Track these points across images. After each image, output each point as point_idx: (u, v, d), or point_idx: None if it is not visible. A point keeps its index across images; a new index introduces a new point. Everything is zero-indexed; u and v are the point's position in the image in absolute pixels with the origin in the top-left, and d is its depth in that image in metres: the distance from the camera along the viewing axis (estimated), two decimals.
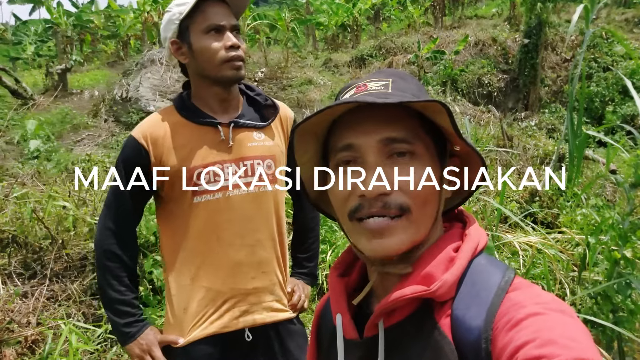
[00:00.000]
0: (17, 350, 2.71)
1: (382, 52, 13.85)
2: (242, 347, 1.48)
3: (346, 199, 0.69)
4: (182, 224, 1.46)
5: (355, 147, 0.69)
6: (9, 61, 18.78)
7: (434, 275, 0.66)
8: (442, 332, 0.63)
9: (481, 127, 8.11)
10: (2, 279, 3.28)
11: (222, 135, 1.45)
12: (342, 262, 0.82)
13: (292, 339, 1.57)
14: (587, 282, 3.15)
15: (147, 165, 1.42)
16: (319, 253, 1.80)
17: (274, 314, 1.53)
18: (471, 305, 0.63)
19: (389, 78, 0.72)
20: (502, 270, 0.66)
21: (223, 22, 1.42)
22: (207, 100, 1.49)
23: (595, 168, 6.23)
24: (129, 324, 1.43)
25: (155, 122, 1.46)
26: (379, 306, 0.68)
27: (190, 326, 1.44)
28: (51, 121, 8.75)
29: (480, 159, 0.73)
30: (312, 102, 9.76)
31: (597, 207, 4.27)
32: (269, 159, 1.52)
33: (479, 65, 11.96)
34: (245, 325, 1.47)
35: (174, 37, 1.46)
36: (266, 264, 1.52)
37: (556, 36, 12.48)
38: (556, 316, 0.56)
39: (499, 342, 0.57)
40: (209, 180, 1.43)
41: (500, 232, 3.91)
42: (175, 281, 1.48)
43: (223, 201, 1.45)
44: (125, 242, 1.45)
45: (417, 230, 0.68)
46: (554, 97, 11.58)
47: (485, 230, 3.58)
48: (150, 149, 1.42)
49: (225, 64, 1.41)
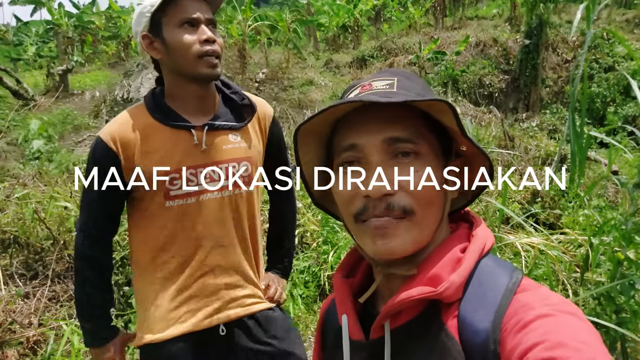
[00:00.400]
0: (19, 351, 2.71)
1: (383, 53, 13.85)
2: (216, 340, 1.48)
3: (350, 200, 0.69)
4: (154, 226, 1.43)
5: (359, 147, 0.68)
6: (10, 62, 18.79)
7: (441, 276, 0.65)
8: (449, 333, 0.63)
9: (482, 128, 8.10)
10: (4, 280, 3.27)
11: (195, 139, 1.40)
12: (347, 263, 0.81)
13: (276, 323, 1.56)
14: (589, 283, 3.14)
15: (117, 168, 1.38)
16: (294, 248, 1.80)
17: (248, 307, 1.52)
18: (479, 306, 0.62)
19: (394, 77, 0.71)
20: (510, 271, 0.65)
21: (197, 14, 1.35)
22: (182, 99, 1.43)
23: (597, 169, 6.23)
24: (98, 330, 1.45)
25: (125, 124, 1.39)
26: (385, 307, 0.67)
27: (163, 324, 1.42)
28: (52, 122, 8.76)
29: (487, 159, 0.72)
30: (313, 103, 9.76)
31: (599, 207, 4.27)
32: (245, 161, 1.49)
33: (480, 66, 11.96)
34: (219, 322, 1.47)
35: (145, 30, 1.38)
36: (238, 264, 1.51)
37: (557, 37, 12.47)
38: (566, 318, 0.55)
39: (508, 344, 0.56)
40: (181, 185, 1.40)
41: (502, 233, 3.90)
42: (145, 281, 1.47)
43: (195, 205, 1.42)
44: (99, 245, 1.43)
45: (422, 232, 0.67)
46: (555, 97, 11.57)
47: None
48: (120, 152, 1.36)
49: (200, 59, 1.35)
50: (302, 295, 3.71)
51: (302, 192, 5.01)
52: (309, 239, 4.25)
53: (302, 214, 4.50)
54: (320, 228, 4.26)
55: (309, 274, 3.87)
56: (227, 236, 1.48)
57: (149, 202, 1.42)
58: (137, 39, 1.42)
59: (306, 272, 3.87)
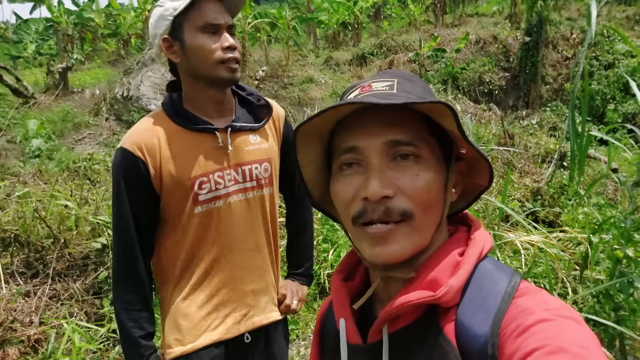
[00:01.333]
0: (20, 349, 2.71)
1: (383, 51, 13.83)
2: (241, 348, 1.48)
3: (349, 202, 0.68)
4: (181, 234, 1.41)
5: (359, 149, 0.67)
6: (10, 60, 18.77)
7: (440, 280, 0.65)
8: (447, 338, 0.62)
9: (482, 126, 8.10)
10: (5, 278, 3.28)
11: (220, 141, 1.39)
12: (346, 265, 0.81)
13: (278, 342, 1.58)
14: (589, 281, 3.15)
15: (148, 177, 1.34)
16: (313, 253, 1.77)
17: (269, 314, 1.53)
18: (477, 311, 0.62)
19: (394, 79, 0.71)
20: (509, 275, 0.65)
21: (220, 20, 1.34)
22: (200, 104, 1.41)
23: (597, 166, 6.23)
24: (146, 356, 1.38)
25: (148, 131, 1.36)
26: (383, 312, 0.67)
27: (193, 334, 1.41)
28: (52, 120, 8.75)
29: (487, 162, 0.72)
30: (313, 101, 9.75)
31: (598, 205, 4.27)
32: (265, 162, 1.48)
33: (480, 63, 11.94)
34: (246, 330, 1.47)
35: (165, 33, 1.36)
36: (264, 267, 1.51)
37: (557, 34, 12.46)
38: (565, 323, 0.55)
39: (507, 349, 0.56)
40: (210, 189, 1.38)
41: (502, 231, 3.91)
42: (172, 292, 1.44)
43: (224, 208, 1.41)
44: (141, 278, 1.37)
45: (420, 236, 0.67)
46: (555, 95, 11.56)
47: (487, 229, 3.58)
48: (148, 160, 1.33)
49: (221, 64, 1.34)
50: None
51: None
52: None
53: None
54: (320, 226, 4.26)
55: None
56: (254, 239, 1.47)
57: (176, 210, 1.39)
58: (156, 41, 1.40)
59: None
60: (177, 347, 1.40)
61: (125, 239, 1.35)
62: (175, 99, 1.43)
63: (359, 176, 0.68)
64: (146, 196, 1.35)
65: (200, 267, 1.42)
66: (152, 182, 1.35)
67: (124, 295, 1.36)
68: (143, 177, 1.33)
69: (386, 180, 0.65)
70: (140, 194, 1.34)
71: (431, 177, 0.67)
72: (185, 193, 1.37)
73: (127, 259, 1.36)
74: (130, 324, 1.34)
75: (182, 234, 1.41)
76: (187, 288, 1.43)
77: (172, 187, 1.36)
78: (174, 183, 1.36)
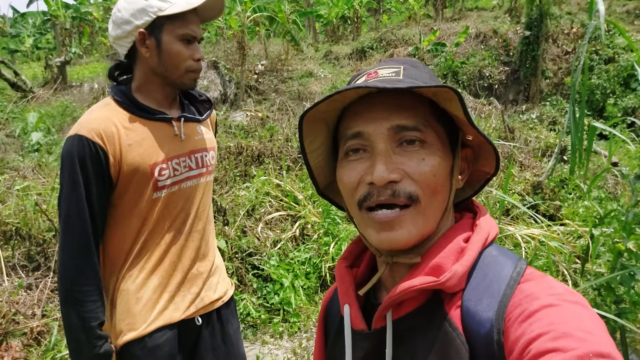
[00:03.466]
0: (23, 341, 2.72)
1: (383, 45, 13.79)
2: (193, 331, 1.55)
3: (355, 187, 0.68)
4: (137, 219, 1.43)
5: (364, 134, 0.67)
6: (8, 54, 18.68)
7: (444, 266, 0.65)
8: (453, 323, 0.62)
9: (482, 120, 8.10)
10: (6, 271, 3.28)
11: (175, 130, 1.47)
12: (351, 252, 0.81)
13: (230, 323, 1.66)
14: (590, 274, 3.16)
15: (107, 165, 1.35)
16: None
17: (221, 293, 1.62)
18: (483, 296, 0.62)
19: (400, 65, 0.70)
20: (514, 261, 0.65)
21: (197, 33, 1.46)
22: (153, 95, 1.48)
23: (597, 160, 6.24)
24: (99, 346, 1.37)
25: (106, 119, 1.38)
26: (387, 297, 0.66)
27: (146, 317, 1.43)
28: (51, 114, 8.73)
29: (494, 148, 0.71)
30: (313, 95, 9.73)
31: (599, 199, 4.28)
32: (212, 150, 1.61)
33: (479, 58, 11.91)
34: (196, 310, 1.53)
35: (143, 27, 1.40)
36: (210, 248, 1.62)
37: (557, 28, 12.42)
38: (571, 308, 0.54)
39: (512, 334, 0.56)
40: (169, 175, 1.45)
41: (503, 225, 3.91)
42: (123, 280, 1.44)
43: (178, 193, 1.49)
44: (97, 269, 1.36)
45: (426, 222, 0.67)
46: (555, 89, 11.54)
47: None
48: (108, 148, 1.34)
49: (189, 73, 1.45)
50: (304, 286, 3.73)
51: (302, 184, 5.02)
52: (310, 230, 4.26)
53: (303, 206, 4.51)
54: (321, 220, 4.27)
55: (310, 265, 3.89)
56: (201, 220, 1.57)
57: (133, 197, 1.41)
58: (127, 28, 1.41)
59: (307, 264, 3.89)
60: (130, 332, 1.41)
61: (81, 232, 1.33)
62: (125, 90, 1.46)
63: (364, 161, 0.68)
64: (102, 185, 1.36)
65: (155, 252, 1.46)
66: (110, 170, 1.36)
67: (80, 287, 1.33)
68: (102, 165, 1.34)
69: (392, 165, 0.65)
70: (97, 183, 1.34)
71: (437, 161, 0.67)
72: (145, 180, 1.41)
73: (84, 252, 1.34)
74: (87, 315, 1.33)
75: (138, 221, 1.43)
76: (142, 274, 1.45)
77: (131, 174, 1.39)
78: (134, 170, 1.39)
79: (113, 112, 1.41)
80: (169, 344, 1.45)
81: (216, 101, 9.34)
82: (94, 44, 18.65)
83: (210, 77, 9.76)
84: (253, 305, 3.50)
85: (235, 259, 3.77)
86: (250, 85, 10.17)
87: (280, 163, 5.64)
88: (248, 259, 3.82)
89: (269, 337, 3.32)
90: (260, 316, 3.44)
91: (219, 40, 13.41)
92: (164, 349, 1.44)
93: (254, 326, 3.41)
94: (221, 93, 9.61)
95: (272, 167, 5.47)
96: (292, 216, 4.44)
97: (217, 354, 1.60)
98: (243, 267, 3.74)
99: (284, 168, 5.47)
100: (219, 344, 1.61)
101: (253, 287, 3.66)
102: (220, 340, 1.62)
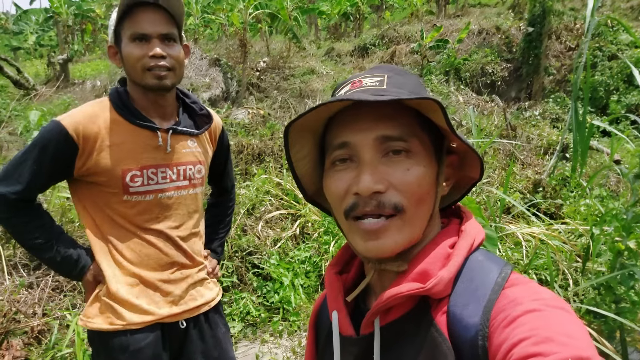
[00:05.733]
0: (24, 340, 2.73)
1: (385, 41, 13.75)
2: (177, 334, 1.56)
3: (342, 197, 0.69)
4: (108, 216, 1.48)
5: (350, 145, 0.68)
6: (11, 51, 18.73)
7: (430, 272, 0.66)
8: (439, 329, 0.63)
9: (484, 117, 8.07)
10: (8, 270, 3.30)
11: (160, 141, 1.48)
12: (340, 259, 0.82)
13: (219, 327, 1.67)
14: (590, 273, 3.15)
15: (71, 159, 1.40)
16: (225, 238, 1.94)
17: (205, 298, 1.63)
18: (468, 302, 0.62)
19: (384, 74, 0.71)
20: (500, 266, 0.65)
21: (149, 30, 1.40)
22: (141, 103, 1.50)
23: (599, 158, 6.21)
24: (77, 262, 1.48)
25: (92, 117, 1.42)
26: (375, 304, 0.68)
27: (123, 312, 1.46)
28: (54, 112, 8.73)
29: (477, 157, 0.72)
30: (315, 92, 9.71)
31: (600, 197, 4.26)
32: (199, 164, 1.60)
33: (482, 54, 11.86)
34: (180, 313, 1.54)
35: (111, 42, 1.48)
36: (195, 255, 1.62)
37: (560, 24, 12.35)
38: (553, 313, 0.55)
39: (495, 339, 0.56)
40: (142, 183, 1.46)
41: (503, 223, 3.91)
42: (106, 265, 1.49)
43: (154, 202, 1.50)
44: (25, 213, 1.43)
45: (412, 230, 0.68)
46: (558, 86, 11.48)
47: (488, 221, 3.58)
48: (81, 144, 1.39)
49: (147, 72, 1.42)
50: (304, 285, 3.74)
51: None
52: (310, 229, 4.26)
53: (303, 205, 4.51)
54: (321, 218, 4.27)
55: (310, 264, 3.89)
56: (182, 230, 1.57)
57: (103, 194, 1.45)
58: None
59: (307, 262, 3.89)
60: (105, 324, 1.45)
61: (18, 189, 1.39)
62: (122, 92, 1.50)
63: (351, 171, 0.68)
64: (59, 172, 1.42)
65: (127, 251, 1.49)
66: (75, 163, 1.40)
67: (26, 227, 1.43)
68: (65, 156, 1.39)
69: (378, 176, 0.66)
70: (50, 167, 1.39)
71: (422, 171, 0.67)
72: (115, 182, 1.43)
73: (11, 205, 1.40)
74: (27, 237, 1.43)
75: (107, 216, 1.47)
76: (116, 266, 1.48)
77: (100, 173, 1.42)
78: (105, 171, 1.42)
79: (102, 111, 1.45)
80: (151, 347, 1.47)
81: (218, 99, 9.33)
82: (96, 41, 18.66)
83: (212, 75, 9.75)
84: (253, 304, 3.51)
85: (235, 257, 3.78)
86: (252, 82, 10.16)
87: (281, 161, 5.64)
88: (248, 257, 3.82)
89: (269, 335, 3.33)
90: (260, 315, 3.45)
91: (221, 37, 13.39)
92: (146, 351, 1.46)
93: (253, 325, 3.41)
94: (223, 91, 9.60)
95: (273, 165, 5.47)
96: (293, 215, 4.45)
97: (209, 357, 1.61)
98: (243, 266, 3.75)
99: (285, 166, 5.47)
100: (210, 347, 1.62)
101: (253, 286, 3.66)
102: (212, 344, 1.63)
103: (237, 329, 3.30)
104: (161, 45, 1.42)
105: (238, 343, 3.25)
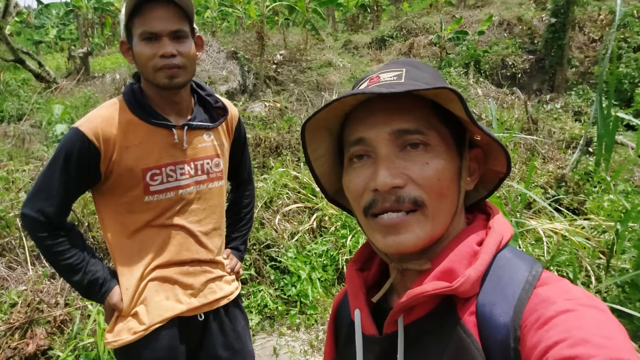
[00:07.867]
0: (47, 329, 2.79)
1: (403, 33, 13.58)
2: (196, 327, 1.57)
3: (360, 194, 0.68)
4: (131, 219, 1.48)
5: (366, 140, 0.67)
6: (32, 45, 19.05)
7: (457, 270, 0.64)
8: (468, 330, 0.61)
9: (505, 110, 7.93)
10: (31, 260, 3.37)
11: (175, 138, 1.48)
12: (361, 256, 0.80)
13: (238, 320, 1.68)
14: (614, 270, 3.08)
15: (96, 164, 1.41)
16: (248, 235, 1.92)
17: (224, 291, 1.63)
18: (497, 301, 0.60)
19: (402, 68, 0.69)
20: (530, 264, 0.63)
21: (159, 28, 1.37)
22: (156, 101, 1.49)
23: (624, 152, 6.05)
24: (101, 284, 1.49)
25: (108, 120, 1.43)
26: (398, 302, 0.66)
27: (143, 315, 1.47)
28: (74, 105, 8.87)
29: (503, 148, 0.69)
30: (332, 85, 9.66)
31: (625, 192, 4.15)
32: (217, 157, 1.60)
33: (503, 46, 11.64)
34: (199, 306, 1.55)
35: (123, 38, 1.46)
36: (215, 251, 1.63)
37: (584, 15, 12.04)
38: (588, 312, 0.53)
39: (528, 341, 0.54)
40: (161, 181, 1.47)
41: (524, 219, 3.84)
42: (127, 272, 1.50)
43: (175, 199, 1.50)
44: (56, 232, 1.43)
45: (434, 225, 0.65)
46: (581, 78, 11.21)
47: (509, 217, 3.52)
48: (102, 148, 1.40)
49: (159, 71, 1.40)
50: (321, 278, 3.74)
51: None
52: (327, 223, 4.26)
53: (321, 198, 4.50)
54: (338, 212, 4.25)
55: (328, 257, 3.89)
56: (204, 226, 1.58)
57: (126, 197, 1.46)
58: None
59: (324, 256, 3.89)
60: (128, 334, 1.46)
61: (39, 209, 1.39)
62: (137, 90, 1.50)
63: (368, 167, 0.67)
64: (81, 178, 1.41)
65: (152, 251, 1.50)
66: (101, 168, 1.42)
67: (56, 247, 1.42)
68: (89, 161, 1.40)
69: (395, 170, 0.64)
70: (76, 175, 1.40)
71: (442, 164, 0.65)
72: (136, 182, 1.44)
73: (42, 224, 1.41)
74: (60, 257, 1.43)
75: (131, 219, 1.48)
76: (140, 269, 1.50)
77: (122, 175, 1.43)
78: (125, 172, 1.43)
79: (118, 113, 1.45)
80: (167, 339, 1.49)
81: (235, 92, 9.35)
82: (116, 34, 18.84)
83: (229, 68, 9.77)
84: (270, 297, 3.52)
85: (253, 250, 3.80)
86: (269, 75, 10.15)
87: (298, 155, 5.63)
88: (266, 250, 3.84)
89: (286, 328, 3.34)
90: (278, 308, 3.46)
91: (239, 30, 13.40)
92: (162, 342, 1.48)
93: (271, 317, 3.43)
94: (240, 84, 9.62)
95: (290, 158, 5.47)
96: (310, 208, 4.44)
97: (230, 350, 1.62)
98: (261, 259, 3.76)
99: (302, 160, 5.46)
100: (231, 340, 1.63)
101: (270, 279, 3.68)
102: (233, 337, 1.64)
103: (254, 321, 3.32)
104: (172, 43, 1.39)
105: (255, 335, 3.27)
